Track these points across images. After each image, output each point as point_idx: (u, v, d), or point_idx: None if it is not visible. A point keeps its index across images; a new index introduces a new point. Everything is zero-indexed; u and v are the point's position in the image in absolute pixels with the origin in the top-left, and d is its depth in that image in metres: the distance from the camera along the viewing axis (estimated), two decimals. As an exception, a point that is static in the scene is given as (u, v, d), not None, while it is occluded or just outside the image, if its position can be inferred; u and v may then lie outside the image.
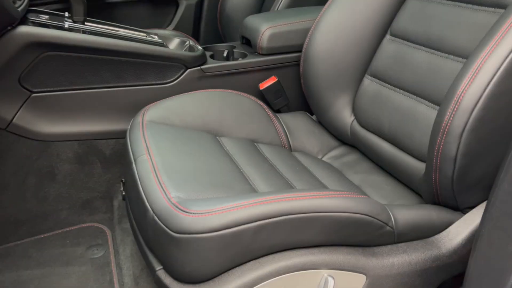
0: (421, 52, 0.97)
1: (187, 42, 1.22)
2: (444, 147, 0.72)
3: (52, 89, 1.02)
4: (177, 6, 1.96)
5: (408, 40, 1.01)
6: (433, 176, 0.77)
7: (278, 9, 1.45)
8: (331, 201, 0.67)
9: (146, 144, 0.86)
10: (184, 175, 0.77)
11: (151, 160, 0.80)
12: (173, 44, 1.24)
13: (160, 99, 1.07)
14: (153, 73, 1.08)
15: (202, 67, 1.13)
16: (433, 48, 0.94)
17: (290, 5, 1.44)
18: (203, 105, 1.05)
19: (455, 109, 0.70)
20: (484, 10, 0.86)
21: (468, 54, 0.86)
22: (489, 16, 0.84)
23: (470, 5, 0.89)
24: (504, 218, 0.59)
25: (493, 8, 0.84)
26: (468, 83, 0.69)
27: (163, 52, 1.06)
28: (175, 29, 1.94)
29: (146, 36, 1.14)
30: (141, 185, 0.75)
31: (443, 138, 0.72)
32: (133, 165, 0.81)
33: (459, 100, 0.69)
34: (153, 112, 1.00)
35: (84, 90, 1.04)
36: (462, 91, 0.69)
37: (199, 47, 1.18)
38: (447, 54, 0.91)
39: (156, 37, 1.18)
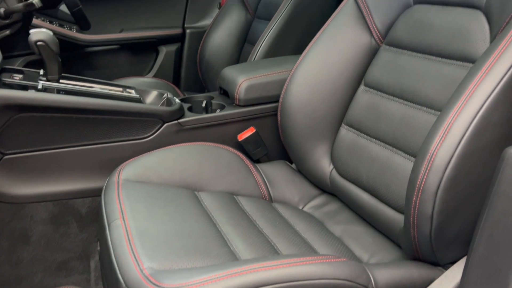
0: (395, 103, 0.98)
1: (165, 95, 1.22)
2: (420, 205, 0.72)
3: (25, 150, 1.00)
4: (157, 53, 1.98)
5: (381, 91, 1.03)
6: (411, 233, 0.76)
7: (255, 58, 1.47)
8: (308, 268, 0.65)
9: (120, 207, 0.84)
10: (159, 241, 0.75)
11: (125, 225, 0.79)
12: (151, 97, 1.24)
13: (137, 155, 1.06)
14: (130, 129, 1.07)
15: (179, 120, 1.13)
16: (406, 99, 0.96)
17: (267, 55, 1.46)
18: (181, 159, 1.04)
19: (428, 168, 0.70)
20: (452, 63, 0.88)
21: (439, 106, 0.87)
22: (458, 69, 0.86)
23: (439, 58, 0.91)
24: (482, 281, 0.59)
25: (461, 62, 0.86)
26: (439, 142, 0.69)
27: (139, 109, 1.06)
28: (155, 76, 1.96)
29: (123, 92, 1.14)
30: (114, 254, 0.73)
31: (419, 196, 0.72)
32: (107, 231, 0.79)
33: (432, 159, 0.70)
34: (129, 170, 0.98)
35: (59, 150, 1.02)
36: (434, 150, 0.70)
37: (177, 100, 1.18)
38: (419, 106, 0.92)
39: (133, 91, 1.18)
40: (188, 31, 1.97)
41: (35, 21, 1.60)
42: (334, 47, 1.09)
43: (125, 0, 1.85)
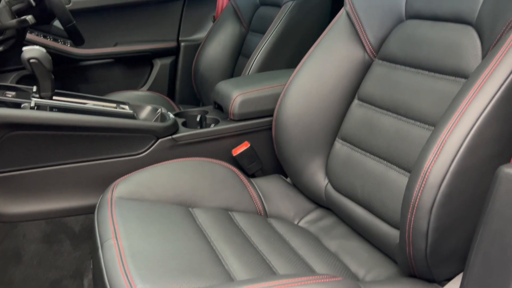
0: (389, 117, 0.98)
1: (159, 110, 1.22)
2: (415, 222, 0.71)
3: (18, 168, 0.99)
4: (151, 66, 1.98)
5: (375, 105, 1.03)
6: (407, 250, 0.76)
7: (249, 72, 1.47)
8: (302, 289, 0.65)
9: (113, 226, 0.83)
10: (152, 261, 0.74)
11: (118, 245, 0.78)
12: (145, 113, 1.24)
13: (131, 171, 1.05)
14: (123, 145, 1.07)
15: (173, 136, 1.12)
16: (400, 114, 0.96)
17: (261, 68, 1.46)
18: (175, 176, 1.04)
19: (422, 185, 0.70)
20: (445, 78, 0.88)
21: (433, 121, 0.88)
22: (451, 84, 0.87)
23: (432, 73, 0.92)
24: (479, 301, 0.58)
25: (454, 77, 0.87)
26: (433, 159, 0.69)
27: (133, 125, 1.06)
28: (150, 89, 1.96)
29: (116, 108, 1.14)
30: (106, 275, 0.72)
31: (413, 213, 0.71)
32: (100, 251, 0.78)
33: (426, 176, 0.69)
34: (122, 187, 0.97)
35: (52, 167, 1.01)
36: (428, 167, 0.69)
37: (171, 116, 1.18)
38: (413, 121, 0.92)
39: (126, 107, 1.18)
40: (182, 44, 1.98)
41: (29, 35, 1.60)
42: (328, 61, 1.10)
43: (120, 13, 1.86)
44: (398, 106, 0.97)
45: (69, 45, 1.74)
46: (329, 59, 1.10)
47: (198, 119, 1.27)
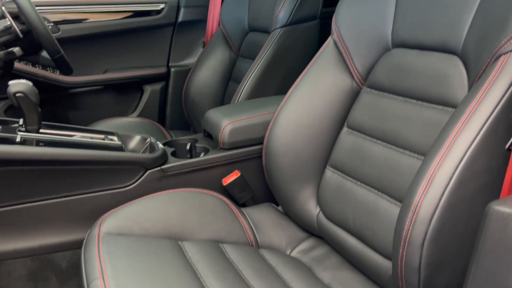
0: (378, 145, 0.98)
1: (148, 140, 1.21)
2: (407, 257, 0.70)
3: (1, 205, 0.97)
4: (141, 92, 1.98)
5: (364, 133, 1.03)
6: (400, 284, 0.74)
7: (239, 98, 1.47)
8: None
9: (100, 264, 0.81)
10: (139, 302, 0.72)
11: (105, 285, 0.76)
12: (133, 143, 1.22)
13: (119, 204, 1.04)
14: (111, 178, 1.05)
15: (162, 167, 1.11)
16: (389, 142, 0.96)
17: (251, 94, 1.46)
18: (164, 208, 1.02)
19: (413, 219, 0.69)
20: (433, 107, 0.88)
21: (422, 150, 0.87)
22: (439, 113, 0.87)
23: (419, 102, 0.92)
24: None
25: (442, 106, 0.87)
26: (423, 193, 0.69)
27: (121, 157, 1.04)
28: (140, 115, 1.95)
29: (104, 139, 1.12)
30: (92, 319, 0.70)
31: (405, 248, 0.70)
32: (86, 292, 0.76)
33: (417, 210, 0.69)
34: (110, 221, 0.96)
35: (37, 203, 0.99)
36: (418, 201, 0.69)
37: (160, 145, 1.17)
38: (402, 149, 0.92)
39: (115, 137, 1.17)
40: (172, 69, 1.98)
41: (17, 65, 1.59)
42: (316, 89, 1.10)
43: (109, 40, 1.86)
44: (387, 135, 0.96)
45: (58, 73, 1.73)
46: (318, 87, 1.10)
47: (188, 147, 1.26)
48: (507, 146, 0.65)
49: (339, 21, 1.09)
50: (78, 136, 1.11)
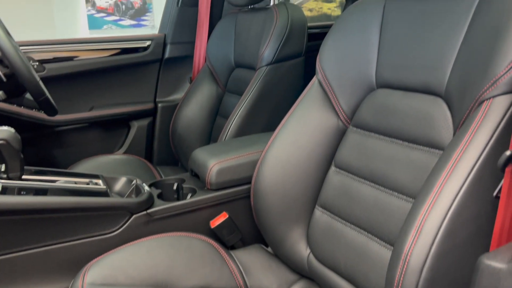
0: (367, 186, 0.97)
1: (134, 182, 1.19)
2: (400, 307, 0.69)
3: (-20, 257, 0.94)
4: (128, 128, 1.96)
5: (352, 173, 1.02)
6: (394, 334, 0.72)
7: (227, 136, 1.47)
8: None
9: (83, 320, 0.78)
10: None
11: None
12: (119, 185, 1.20)
13: (104, 251, 1.01)
14: (96, 224, 1.03)
15: (148, 211, 1.09)
16: (377, 183, 0.95)
17: (239, 131, 1.46)
18: (150, 255, 0.99)
19: (404, 268, 0.68)
20: (419, 149, 0.88)
21: (411, 193, 0.87)
22: (425, 155, 0.87)
23: (406, 143, 0.92)
24: None
25: (428, 148, 0.87)
26: (412, 242, 0.68)
27: (106, 203, 1.02)
28: (127, 151, 1.93)
29: (89, 184, 1.10)
30: None
31: (397, 298, 0.69)
32: None
33: (407, 260, 0.67)
34: (94, 271, 0.92)
35: (18, 253, 0.96)
36: (408, 251, 0.67)
37: (146, 188, 1.15)
38: (391, 191, 0.92)
39: (100, 181, 1.15)
40: (160, 105, 1.98)
41: (1, 105, 1.58)
42: (303, 128, 1.10)
43: (95, 78, 1.85)
44: (375, 175, 0.96)
45: (43, 112, 1.71)
46: (304, 126, 1.10)
47: (174, 187, 1.25)
48: (495, 193, 0.65)
49: (323, 61, 1.10)
50: (62, 181, 1.08)
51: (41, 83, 1.33)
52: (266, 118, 1.51)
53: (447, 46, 0.85)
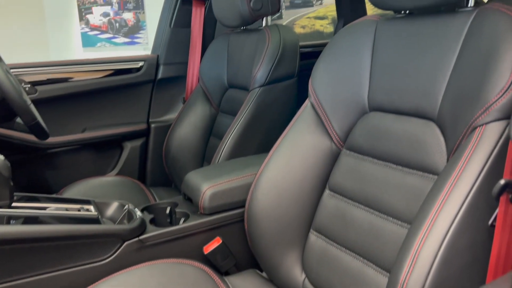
0: (361, 210, 0.96)
1: (126, 207, 1.17)
2: None
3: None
4: (121, 149, 1.95)
5: (346, 197, 1.01)
6: None
7: (220, 157, 1.46)
8: None
9: None
10: None
11: None
12: (111, 210, 1.18)
13: (95, 280, 0.98)
14: (87, 252, 1.00)
15: (140, 237, 1.07)
16: (372, 207, 0.94)
17: (232, 153, 1.45)
18: (142, 283, 0.97)
19: (400, 300, 0.66)
20: (413, 173, 0.88)
21: (406, 218, 0.86)
22: (419, 179, 0.86)
23: (400, 167, 0.91)
24: None
25: (422, 172, 0.86)
26: (409, 271, 0.67)
27: (97, 230, 1.00)
28: (120, 172, 1.91)
29: (80, 210, 1.09)
30: None
31: (394, 330, 0.67)
32: None
33: (403, 290, 0.66)
34: (85, 302, 0.90)
35: (5, 284, 0.94)
36: (404, 281, 0.66)
37: (138, 213, 1.13)
38: (386, 216, 0.91)
39: (91, 207, 1.13)
40: (153, 125, 1.97)
41: (-8, 128, 1.56)
42: (296, 151, 1.09)
43: (88, 99, 1.84)
44: (369, 200, 0.95)
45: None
46: (297, 149, 1.09)
47: (167, 211, 1.23)
48: (490, 222, 0.64)
49: (315, 84, 1.10)
50: (52, 208, 1.07)
51: (32, 106, 1.32)
52: (260, 139, 1.51)
53: (438, 70, 0.85)
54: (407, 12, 0.98)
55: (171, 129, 1.85)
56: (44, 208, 1.06)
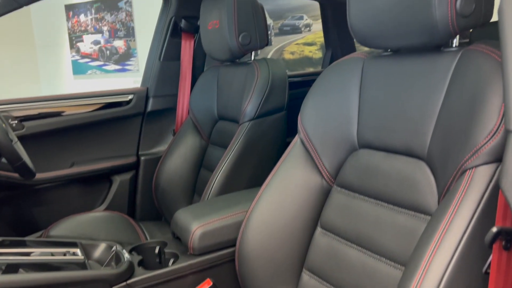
0: (353, 250, 0.95)
1: (113, 248, 1.14)
2: None
3: None
4: (110, 183, 1.92)
5: (339, 235, 1.00)
6: None
7: (211, 191, 1.44)
8: None
9: None
10: None
11: None
12: (98, 252, 1.15)
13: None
14: (72, 299, 0.97)
15: (128, 282, 1.04)
16: (364, 247, 0.93)
17: (222, 188, 1.44)
18: (130, 331, 0.94)
19: None
20: (405, 212, 0.87)
21: (399, 259, 0.84)
22: (411, 219, 0.85)
23: (391, 205, 0.90)
24: None
25: (413, 212, 0.85)
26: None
27: (83, 277, 0.97)
28: (108, 207, 1.87)
29: (65, 254, 1.05)
30: None
31: None
32: None
33: None
34: None
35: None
36: (399, 332, 0.64)
37: (126, 256, 1.10)
38: (379, 256, 0.89)
39: (77, 250, 1.10)
40: (142, 158, 1.94)
41: (-23, 165, 1.53)
42: (287, 189, 1.08)
43: (77, 133, 1.82)
44: (361, 239, 0.94)
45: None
46: (288, 186, 1.08)
47: (156, 251, 1.20)
48: (484, 269, 0.63)
49: (304, 120, 1.09)
50: (37, 253, 1.03)
51: (18, 145, 1.30)
52: (251, 172, 1.49)
53: (426, 109, 0.85)
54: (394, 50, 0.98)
55: (161, 161, 1.83)
56: (29, 254, 1.03)
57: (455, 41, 0.84)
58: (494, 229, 0.58)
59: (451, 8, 0.77)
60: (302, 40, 4.27)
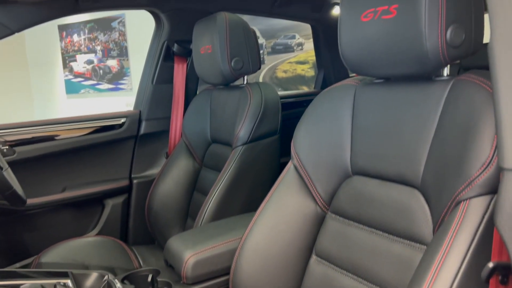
0: (349, 279, 0.94)
1: (105, 278, 1.12)
2: None
3: None
4: (102, 206, 1.89)
5: (334, 264, 0.99)
6: None
7: (204, 216, 1.42)
8: None
9: None
10: None
11: None
12: (89, 282, 1.13)
13: None
14: (62, 334, 0.95)
15: (120, 313, 1.01)
16: (360, 276, 0.92)
17: (216, 213, 1.42)
18: None
19: None
20: (400, 241, 0.86)
21: (394, 289, 0.83)
22: (406, 248, 0.84)
23: (386, 234, 0.90)
24: None
25: (408, 241, 0.85)
26: None
27: (73, 311, 0.95)
28: (101, 232, 1.85)
29: (55, 286, 1.03)
30: None
31: None
32: None
33: None
34: None
35: None
36: None
37: (118, 285, 1.08)
38: (374, 286, 0.88)
39: (68, 281, 1.07)
40: (135, 181, 1.93)
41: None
42: (281, 216, 1.07)
43: (69, 157, 1.81)
44: (356, 268, 0.93)
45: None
46: (282, 214, 1.07)
47: (149, 279, 1.18)
48: (481, 306, 0.62)
49: (297, 147, 1.09)
50: (27, 286, 1.01)
51: (8, 172, 1.28)
52: (245, 196, 1.48)
53: (419, 137, 0.85)
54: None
55: (154, 184, 1.82)
56: (18, 286, 1.00)
57: (446, 70, 0.84)
58: (491, 265, 0.58)
59: (441, 39, 0.77)
60: (294, 59, 4.31)
